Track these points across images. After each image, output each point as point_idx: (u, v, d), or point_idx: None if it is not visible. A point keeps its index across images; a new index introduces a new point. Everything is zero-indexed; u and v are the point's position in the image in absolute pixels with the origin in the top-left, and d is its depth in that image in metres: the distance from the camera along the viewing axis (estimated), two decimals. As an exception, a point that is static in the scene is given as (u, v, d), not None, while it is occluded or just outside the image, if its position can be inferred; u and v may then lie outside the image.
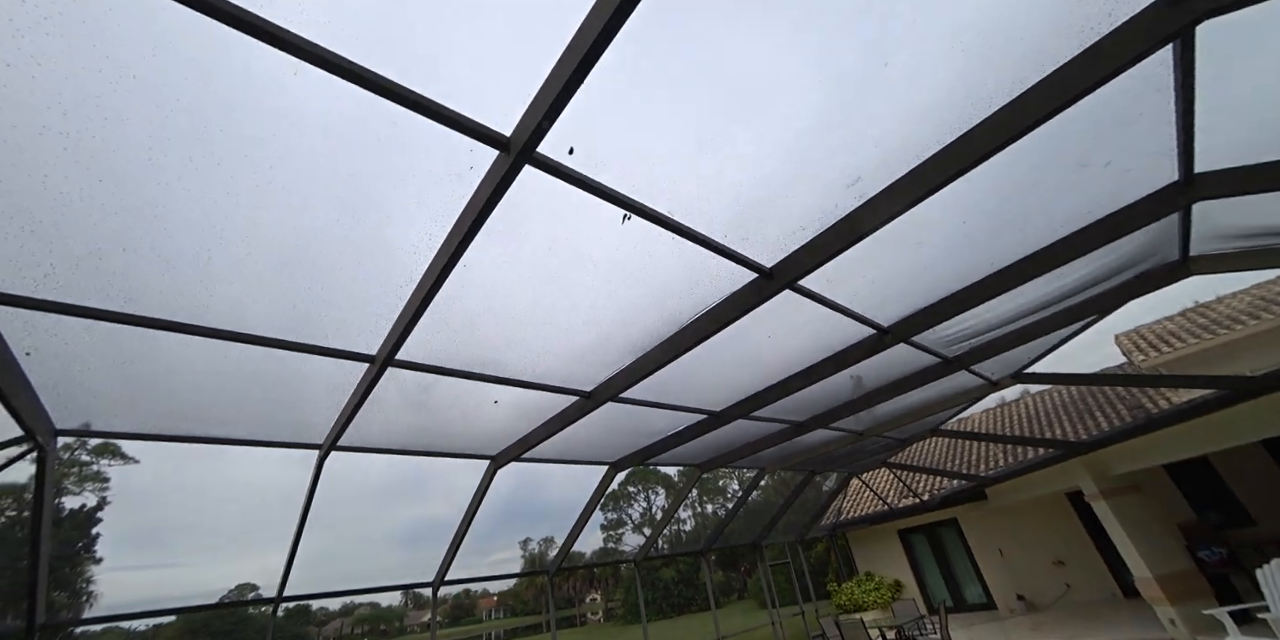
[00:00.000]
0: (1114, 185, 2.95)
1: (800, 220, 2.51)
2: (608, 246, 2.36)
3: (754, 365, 4.14)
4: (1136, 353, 10.41)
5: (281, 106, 1.56)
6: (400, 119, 1.62)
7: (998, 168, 2.42)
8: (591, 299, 2.75)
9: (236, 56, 1.41)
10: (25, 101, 1.40)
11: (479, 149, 1.73)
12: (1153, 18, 1.88)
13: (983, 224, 2.99)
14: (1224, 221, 3.65)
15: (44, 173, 1.58)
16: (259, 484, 43.24)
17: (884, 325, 3.81)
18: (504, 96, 1.65)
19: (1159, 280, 4.47)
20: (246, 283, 2.15)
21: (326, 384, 3.01)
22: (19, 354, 2.23)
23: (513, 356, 3.13)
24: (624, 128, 1.88)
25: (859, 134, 2.17)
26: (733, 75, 1.82)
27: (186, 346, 2.43)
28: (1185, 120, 2.49)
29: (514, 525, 63.54)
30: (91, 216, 1.73)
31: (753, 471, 8.80)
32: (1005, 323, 4.59)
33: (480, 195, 1.84)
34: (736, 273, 2.75)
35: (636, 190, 2.08)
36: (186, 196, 1.74)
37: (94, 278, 1.95)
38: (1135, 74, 2.07)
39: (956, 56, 1.94)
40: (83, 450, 24.29)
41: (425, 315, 2.43)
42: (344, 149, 1.72)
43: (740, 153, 2.11)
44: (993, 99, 2.12)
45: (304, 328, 2.48)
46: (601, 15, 1.41)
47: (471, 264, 2.22)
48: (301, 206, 1.87)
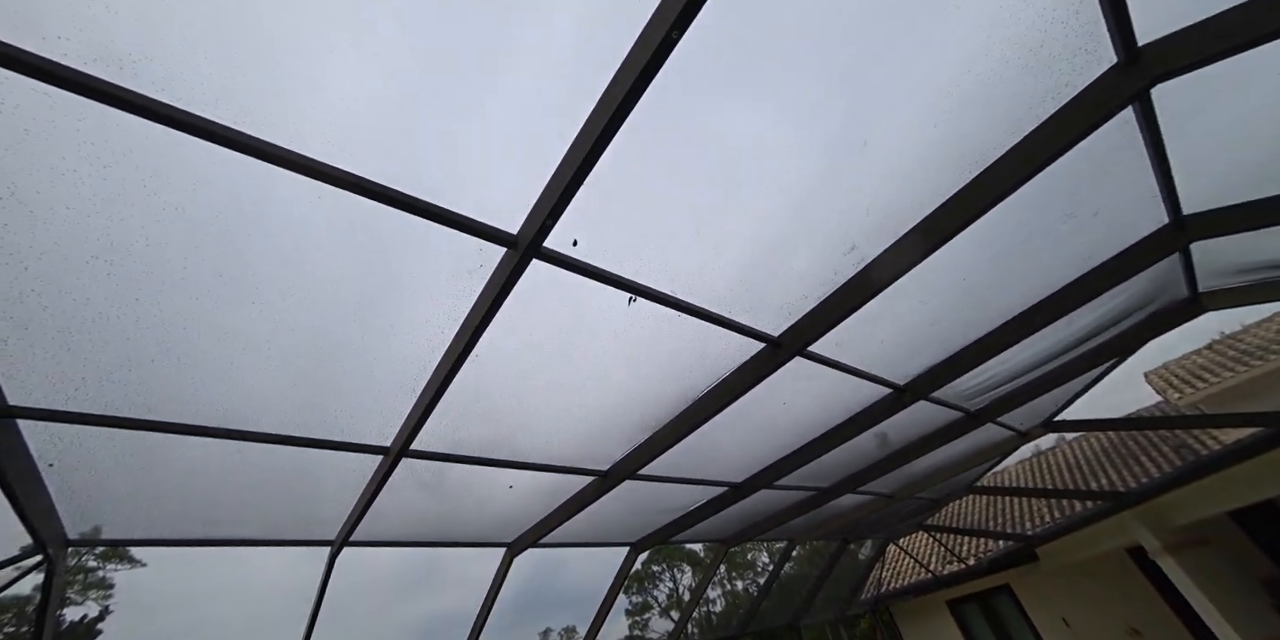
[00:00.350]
0: (1106, 232, 3.02)
1: (802, 289, 2.57)
2: (615, 327, 2.42)
3: (772, 433, 4.05)
4: (1170, 390, 10.03)
5: (304, 220, 1.69)
6: (413, 225, 1.74)
7: (989, 225, 2.50)
8: (602, 379, 2.77)
9: (266, 184, 1.55)
10: (80, 236, 1.53)
11: (488, 248, 1.84)
12: (1108, 85, 2.03)
13: (983, 278, 3.04)
14: (1225, 258, 3.68)
15: (88, 295, 1.69)
16: (268, 584, 41.18)
17: (900, 383, 3.76)
18: (510, 198, 1.78)
19: (1174, 318, 4.44)
20: (265, 383, 2.20)
21: (340, 478, 2.98)
22: (42, 466, 2.25)
23: (526, 439, 3.11)
24: (624, 214, 2.00)
25: (850, 203, 2.27)
26: (726, 158, 1.95)
27: (204, 448, 2.44)
28: (1161, 169, 2.60)
29: (532, 614, 59.04)
30: (126, 332, 1.82)
31: (782, 543, 8.28)
32: (1024, 372, 4.51)
33: (490, 290, 1.93)
34: (744, 344, 2.78)
35: (640, 273, 2.17)
36: (214, 307, 1.84)
37: (121, 388, 2.02)
38: (1103, 132, 2.19)
39: (931, 129, 2.07)
40: (90, 555, 23.45)
41: (440, 404, 2.45)
42: (360, 254, 1.83)
43: (738, 228, 2.21)
44: (971, 167, 2.24)
45: (319, 423, 2.50)
46: (600, 118, 1.55)
47: (483, 353, 2.28)
48: (319, 308, 1.96)
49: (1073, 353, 4.57)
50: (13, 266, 1.54)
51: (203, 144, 1.39)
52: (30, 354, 1.79)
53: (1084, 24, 1.85)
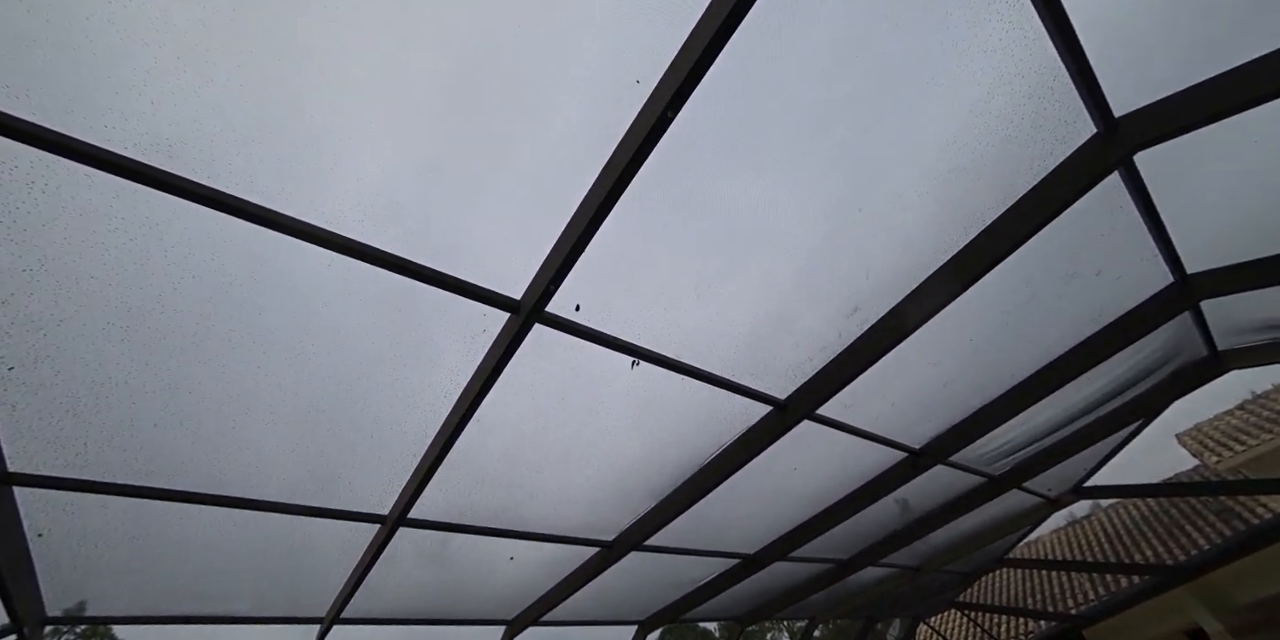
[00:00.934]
0: (1111, 292, 3.02)
1: (807, 351, 2.56)
2: (619, 392, 2.40)
3: (784, 500, 3.87)
4: (1207, 453, 9.53)
5: (314, 288, 1.75)
6: (418, 291, 1.79)
7: (991, 287, 2.52)
8: (606, 444, 2.72)
9: (281, 252, 1.62)
10: (100, 304, 1.59)
11: (491, 313, 1.88)
12: (1090, 154, 2.11)
13: (990, 339, 3.01)
14: (1240, 316, 3.63)
15: (100, 360, 1.73)
16: (251, 666, 38.42)
17: (915, 447, 3.63)
18: (513, 265, 1.83)
19: (1197, 378, 4.33)
20: (265, 449, 2.18)
21: (335, 549, 2.86)
22: (31, 536, 2.20)
23: (528, 508, 3.00)
24: (626, 278, 2.04)
25: (852, 266, 2.31)
26: (726, 224, 2.02)
27: (198, 516, 2.38)
28: (1157, 229, 2.63)
29: (536, 701, 53.80)
30: (133, 396, 1.84)
31: (803, 622, 7.65)
32: (1045, 434, 4.35)
33: (492, 355, 1.95)
34: (751, 407, 2.73)
35: (642, 337, 2.18)
36: (221, 372, 1.87)
37: (122, 454, 2.01)
38: (1093, 196, 2.25)
39: (923, 198, 2.15)
40: (70, 635, 22.12)
41: (440, 470, 2.39)
42: (366, 319, 1.88)
43: (740, 292, 2.24)
44: (966, 230, 2.30)
45: (317, 491, 2.44)
46: (601, 190, 1.63)
47: (485, 418, 2.25)
48: (324, 373, 1.98)
49: (1094, 414, 4.42)
50: (32, 333, 1.59)
51: (225, 218, 1.48)
52: (37, 419, 1.80)
53: (1060, 97, 1.96)
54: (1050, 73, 1.88)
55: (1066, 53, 1.79)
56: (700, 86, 1.46)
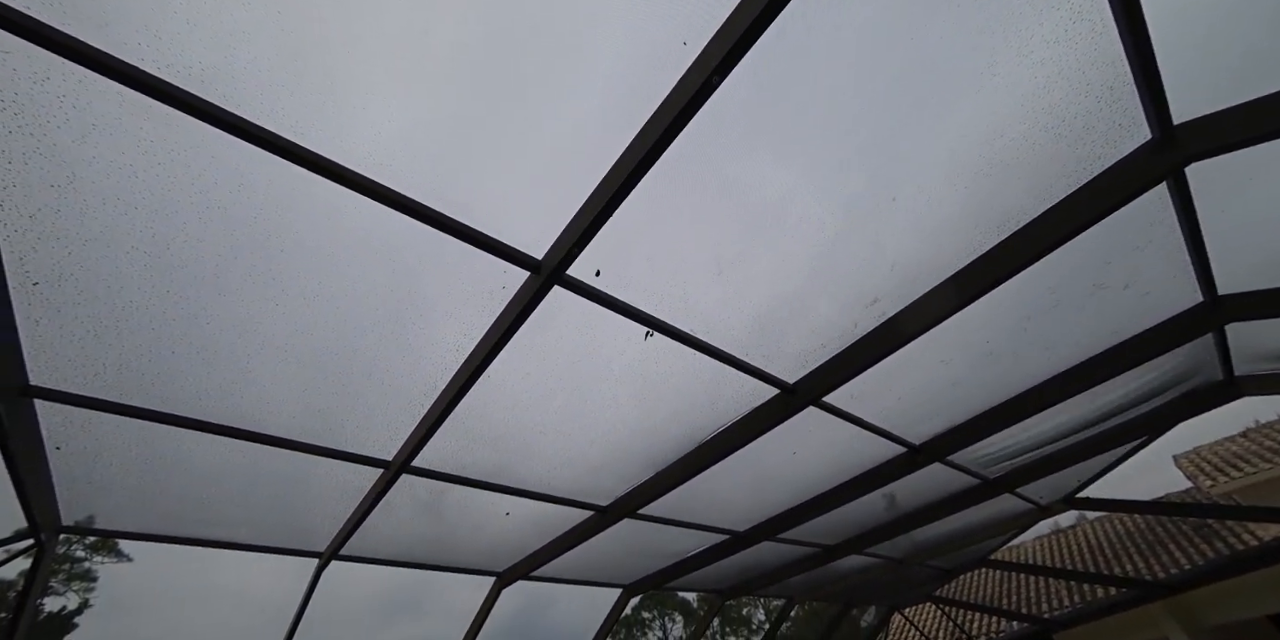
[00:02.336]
0: (1136, 307, 2.95)
1: (821, 338, 2.54)
2: (629, 361, 2.41)
3: (779, 483, 3.91)
4: (1202, 477, 9.52)
5: (335, 229, 1.74)
6: (440, 241, 1.78)
7: (1015, 290, 2.47)
8: (611, 412, 2.74)
9: (305, 189, 1.61)
10: (125, 228, 1.60)
11: (511, 271, 1.87)
12: (1140, 162, 2.02)
13: (1006, 343, 2.97)
14: (1263, 343, 3.56)
15: (122, 284, 1.74)
16: (249, 594, 40.32)
17: (915, 443, 3.64)
18: (538, 223, 1.82)
19: (1207, 401, 4.28)
20: (278, 385, 2.22)
21: (337, 489, 2.94)
22: (50, 448, 2.28)
23: (528, 467, 3.05)
24: (648, 250, 2.02)
25: (875, 258, 2.27)
26: (752, 205, 1.98)
27: (209, 446, 2.45)
28: (1195, 246, 2.55)
29: (516, 651, 56.40)
30: (153, 322, 1.87)
31: (781, 601, 7.86)
32: (1048, 442, 4.34)
33: (509, 313, 1.95)
34: (758, 389, 2.73)
35: (659, 308, 2.17)
36: (239, 305, 1.88)
37: (139, 378, 2.05)
38: (1136, 206, 2.17)
39: (958, 192, 2.08)
40: (79, 545, 23.31)
41: (446, 423, 2.43)
42: (385, 266, 1.87)
43: (760, 274, 2.21)
44: (999, 230, 2.23)
45: (324, 431, 2.50)
46: (635, 155, 1.59)
47: (495, 375, 2.28)
48: (341, 316, 2.00)
49: (1100, 427, 4.39)
50: (58, 250, 1.60)
51: (250, 148, 1.46)
52: (59, 336, 1.84)
53: (1119, 99, 1.87)
54: (1113, 70, 1.79)
55: (1134, 50, 1.70)
56: (747, 57, 1.41)
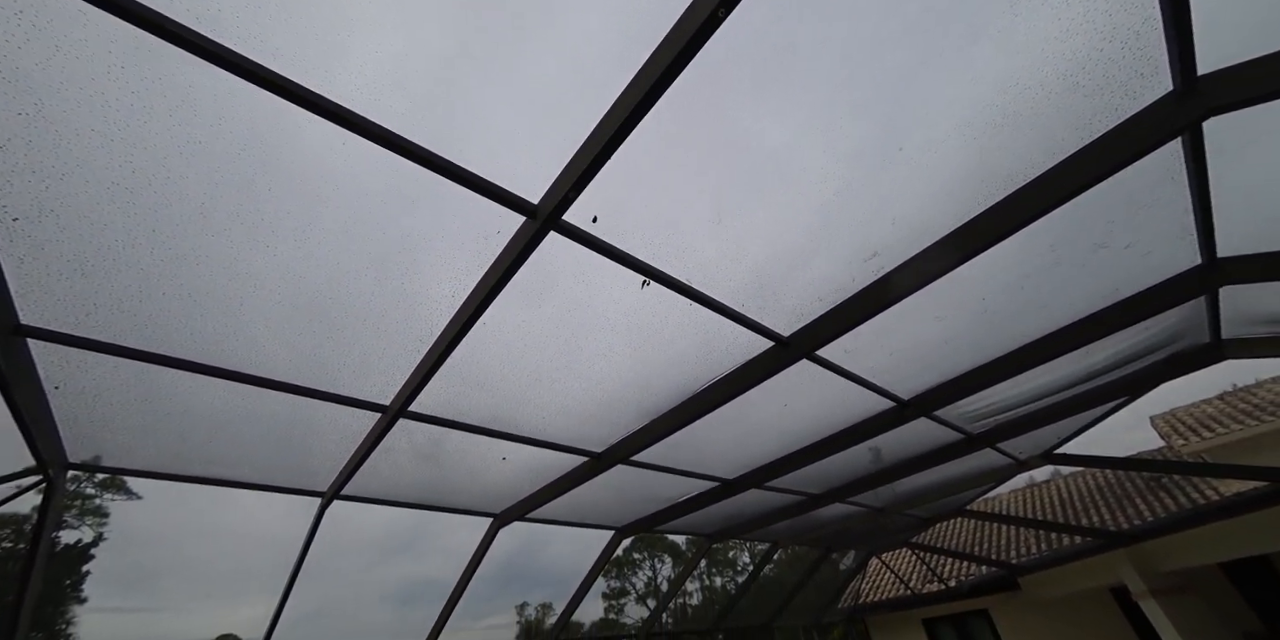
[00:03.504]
0: (1135, 267, 2.94)
1: (818, 292, 2.53)
2: (625, 310, 2.40)
3: (769, 434, 4.03)
4: (1175, 437, 9.86)
5: (326, 170, 1.68)
6: (434, 183, 1.72)
7: (1015, 247, 2.45)
8: (606, 361, 2.76)
9: (292, 125, 1.54)
10: (102, 162, 1.54)
11: (507, 215, 1.83)
12: (1160, 113, 1.95)
13: (1002, 301, 2.97)
14: (1254, 306, 3.58)
15: (105, 222, 1.70)
16: (254, 531, 42.16)
17: (904, 398, 3.72)
18: (534, 167, 1.76)
19: (1192, 363, 4.34)
20: (271, 329, 2.22)
21: (337, 432, 3.01)
22: (48, 387, 2.30)
23: (523, 413, 3.12)
24: (647, 197, 1.97)
25: (876, 211, 2.23)
26: (754, 153, 1.92)
27: (206, 388, 2.47)
28: (1202, 207, 2.51)
29: (512, 588, 59.86)
30: (140, 262, 1.84)
31: (765, 545, 8.30)
32: (1031, 400, 4.44)
33: (504, 259, 1.92)
34: (753, 341, 2.75)
35: (656, 257, 2.14)
36: (228, 246, 1.85)
37: (131, 319, 2.04)
38: (1147, 163, 2.12)
39: (967, 143, 2.02)
40: (89, 483, 24.15)
41: (442, 369, 2.45)
42: (378, 208, 1.82)
43: (760, 225, 2.18)
44: (1006, 184, 2.18)
45: (322, 376, 2.52)
46: (635, 94, 1.52)
47: (491, 321, 2.28)
48: (333, 259, 1.96)
49: (1085, 386, 4.49)
50: (34, 185, 1.55)
51: (230, 78, 1.38)
52: (45, 275, 1.81)
53: (1144, 47, 1.78)
54: (1142, 13, 1.69)
55: (1166, -6, 1.60)
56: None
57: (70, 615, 23.04)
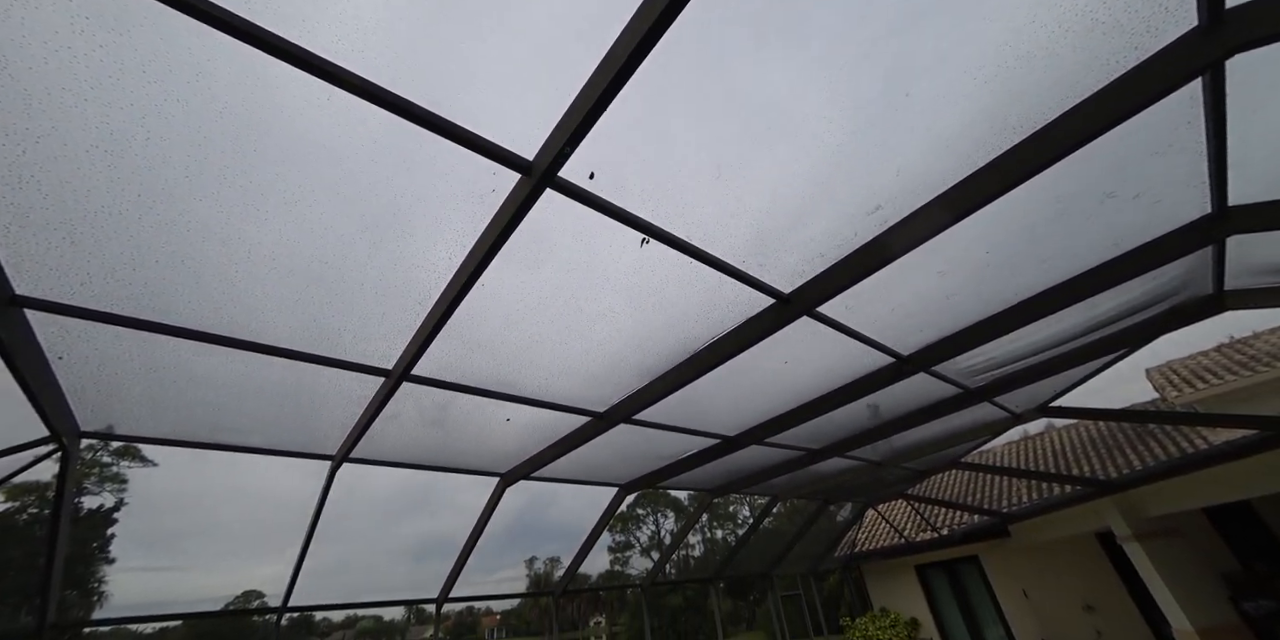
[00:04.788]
0: (1143, 217, 2.89)
1: (820, 247, 2.49)
2: (625, 269, 2.37)
3: (769, 391, 4.08)
4: (1169, 388, 9.99)
5: (313, 128, 1.62)
6: (425, 141, 1.67)
7: (1022, 198, 2.39)
8: (607, 321, 2.76)
9: (274, 81, 1.47)
10: (78, 123, 1.47)
11: (501, 172, 1.77)
12: (1183, 51, 1.86)
13: (1007, 254, 2.94)
14: (1259, 256, 3.54)
15: (89, 187, 1.65)
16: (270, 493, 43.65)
17: (904, 354, 3.74)
18: (528, 122, 1.69)
19: (1192, 314, 4.34)
20: (270, 296, 2.20)
21: (342, 397, 3.05)
22: (52, 358, 2.30)
23: (527, 376, 3.14)
24: (644, 153, 1.91)
25: (880, 162, 2.17)
26: (754, 103, 1.85)
27: (209, 356, 2.49)
28: (1217, 152, 2.44)
29: (521, 543, 62.54)
30: (130, 230, 1.80)
31: (765, 498, 8.60)
32: (1031, 354, 4.47)
33: (501, 217, 1.88)
34: (754, 298, 2.73)
35: (655, 215, 2.10)
36: (219, 212, 1.81)
37: (127, 288, 2.02)
38: (1164, 105, 2.04)
39: (978, 88, 1.94)
40: (105, 452, 24.83)
41: (443, 332, 2.46)
42: (369, 168, 1.77)
43: (760, 179, 2.12)
44: (1016, 131, 2.11)
45: (323, 341, 2.52)
46: (626, 45, 1.45)
47: (489, 283, 2.25)
48: (326, 223, 1.93)
49: (1083, 339, 4.50)
50: (10, 149, 1.49)
51: (204, 29, 1.31)
52: (35, 244, 1.78)
53: (1172, -25, 1.68)
54: (1171, -59, 1.58)
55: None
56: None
57: (101, 574, 24.27)
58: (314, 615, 68.81)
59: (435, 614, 5.92)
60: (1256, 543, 9.30)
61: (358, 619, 77.36)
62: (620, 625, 43.50)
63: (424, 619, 76.35)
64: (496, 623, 78.74)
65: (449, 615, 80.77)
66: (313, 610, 5.24)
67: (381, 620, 76.60)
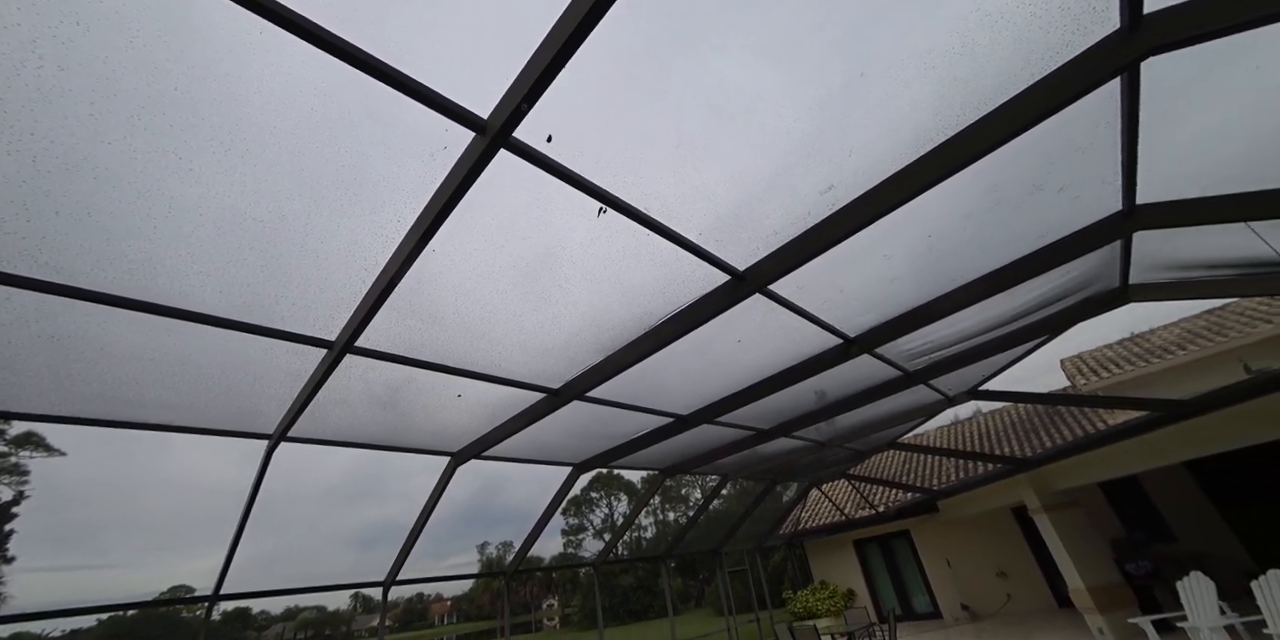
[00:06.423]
0: (1065, 211, 3.09)
1: (774, 225, 2.54)
2: (581, 241, 2.34)
3: (722, 370, 4.16)
4: (1079, 377, 11.03)
5: (244, 71, 1.49)
6: (371, 92, 1.56)
7: (961, 186, 2.51)
8: (562, 293, 2.71)
9: (198, 11, 1.34)
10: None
11: (454, 129, 1.69)
12: (1105, 51, 1.99)
13: (946, 241, 3.09)
14: (1162, 252, 3.87)
15: (-34, 120, 1.46)
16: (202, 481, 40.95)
17: (850, 335, 3.89)
18: (483, 77, 1.62)
19: (1102, 305, 4.73)
20: (196, 258, 2.03)
21: (281, 371, 2.87)
22: (-70, 323, 2.05)
23: (478, 349, 3.06)
24: (605, 121, 1.87)
25: (834, 143, 2.21)
26: (714, 75, 1.84)
27: (125, 323, 2.27)
28: (1129, 152, 2.63)
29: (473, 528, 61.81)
30: (20, 173, 1.60)
31: (715, 479, 8.84)
32: (963, 339, 4.76)
33: (453, 178, 1.80)
34: (709, 274, 2.76)
35: (614, 184, 2.07)
36: (130, 158, 1.63)
37: (16, 240, 1.80)
38: (1089, 104, 2.18)
39: (925, 72, 2.00)
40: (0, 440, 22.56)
41: (391, 302, 2.35)
42: (308, 120, 1.64)
43: (718, 155, 2.12)
44: (959, 118, 2.20)
45: (258, 309, 2.35)
46: None
47: (441, 250, 2.16)
48: (259, 177, 1.78)
49: (1009, 326, 4.84)
50: None
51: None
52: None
53: (1098, -19, 1.78)
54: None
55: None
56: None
57: (0, 575, 22.20)
58: (250, 608, 65.71)
59: (382, 598, 5.77)
60: (1140, 513, 10.63)
61: (299, 610, 74.46)
62: (573, 607, 43.99)
63: (371, 608, 74.40)
64: (448, 609, 77.82)
65: (397, 602, 79.10)
66: (247, 598, 4.96)
67: (325, 610, 74.03)
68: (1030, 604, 11.29)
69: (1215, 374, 8.98)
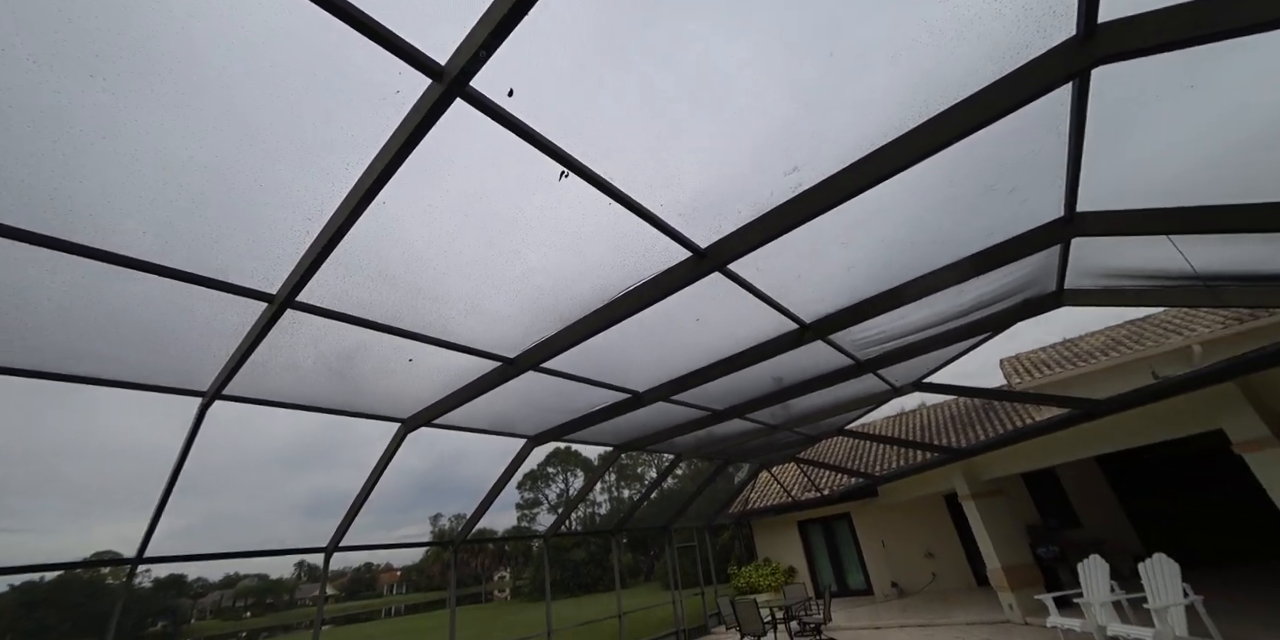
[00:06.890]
0: (1013, 213, 3.21)
1: (737, 204, 2.55)
2: (540, 205, 2.29)
3: (679, 349, 4.20)
4: (1015, 376, 11.82)
5: None
6: (321, 25, 1.47)
7: (919, 179, 2.57)
8: (519, 259, 2.66)
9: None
10: None
11: (408, 73, 1.62)
12: (1059, 56, 2.06)
13: (903, 232, 3.17)
14: (1097, 259, 4.09)
15: None
16: (129, 443, 38.96)
17: (806, 321, 3.99)
18: (441, 20, 1.54)
19: (1039, 307, 4.98)
20: (125, 196, 1.89)
21: (217, 323, 2.73)
22: None
23: (433, 312, 2.99)
24: (572, 84, 1.82)
25: (801, 125, 2.22)
26: (685, 57, 1.83)
27: (41, 263, 2.11)
28: (1074, 160, 2.74)
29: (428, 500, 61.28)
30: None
31: (669, 458, 9.02)
32: (912, 331, 4.96)
33: (406, 125, 1.73)
34: (670, 249, 2.76)
35: (577, 150, 2.03)
36: (27, 73, 1.49)
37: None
38: (1040, 109, 2.25)
39: (900, 57, 2.02)
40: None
41: (340, 257, 2.26)
42: (248, 49, 1.54)
43: (687, 131, 2.11)
44: (923, 110, 2.24)
45: (188, 254, 2.22)
46: None
47: (392, 203, 2.09)
48: (188, 105, 1.65)
49: (956, 321, 5.06)
50: None
51: None
52: None
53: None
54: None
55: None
56: None
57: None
58: (186, 575, 63.61)
59: (324, 564, 5.69)
60: (1054, 502, 11.71)
61: (239, 578, 72.69)
62: (524, 579, 44.51)
63: (316, 577, 73.21)
64: (397, 579, 77.49)
65: (344, 571, 78.16)
66: (175, 561, 4.80)
67: (268, 578, 72.47)
68: (953, 582, 12.14)
69: (1130, 378, 9.74)
